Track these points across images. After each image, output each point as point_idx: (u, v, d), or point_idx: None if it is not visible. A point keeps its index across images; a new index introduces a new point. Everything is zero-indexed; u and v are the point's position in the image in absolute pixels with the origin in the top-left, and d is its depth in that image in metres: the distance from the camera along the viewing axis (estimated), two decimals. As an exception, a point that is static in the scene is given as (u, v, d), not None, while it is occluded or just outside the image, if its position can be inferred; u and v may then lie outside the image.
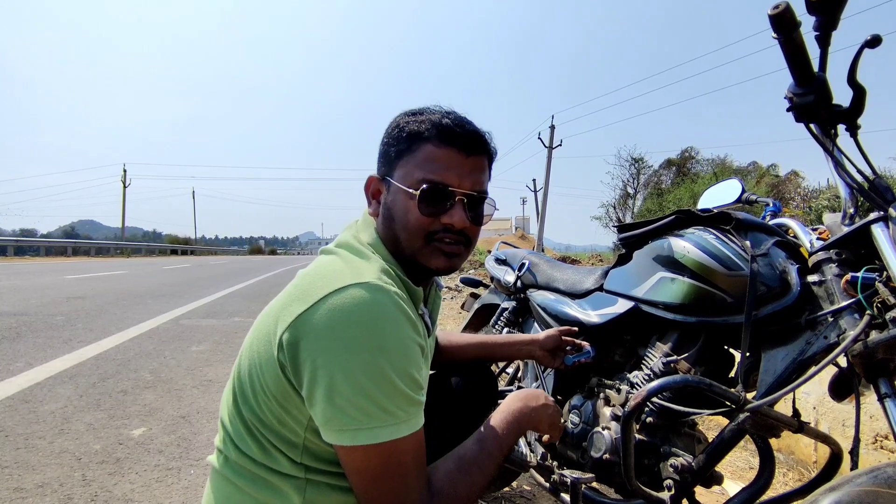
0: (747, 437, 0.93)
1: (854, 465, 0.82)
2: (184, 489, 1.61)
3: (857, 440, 0.82)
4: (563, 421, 1.18)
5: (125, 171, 34.51)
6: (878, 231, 0.80)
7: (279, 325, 0.67)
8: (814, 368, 0.81)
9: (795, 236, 1.03)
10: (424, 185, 0.73)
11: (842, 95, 0.86)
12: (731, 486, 1.62)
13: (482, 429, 0.80)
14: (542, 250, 19.23)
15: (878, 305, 0.77)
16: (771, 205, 1.24)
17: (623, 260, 1.21)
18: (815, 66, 0.85)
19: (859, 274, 0.80)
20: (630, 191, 30.78)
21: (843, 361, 0.85)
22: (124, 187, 34.14)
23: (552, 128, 23.56)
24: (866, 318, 0.77)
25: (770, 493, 0.96)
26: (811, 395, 1.80)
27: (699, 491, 0.99)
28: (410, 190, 0.74)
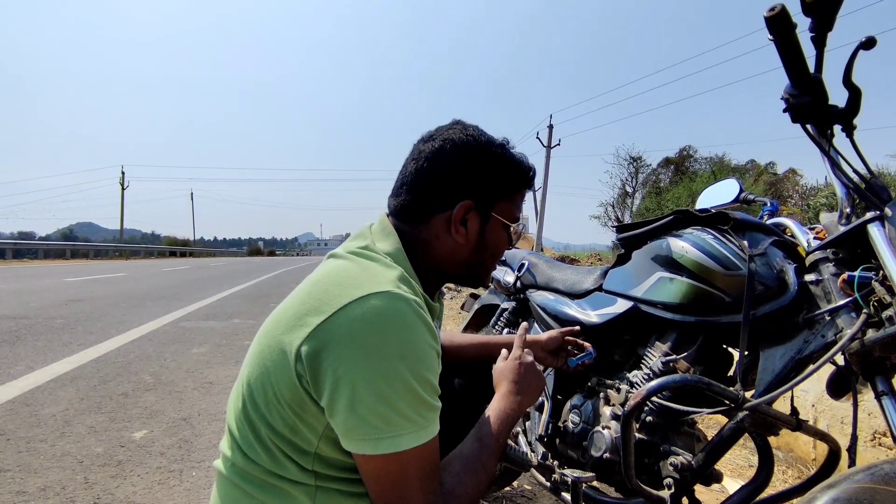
0: (747, 435, 0.94)
1: (852, 463, 0.82)
2: (186, 491, 1.61)
3: (854, 437, 0.83)
4: (562, 421, 1.19)
5: (123, 173, 34.50)
6: (875, 230, 0.80)
7: (295, 335, 0.66)
8: (811, 367, 0.82)
9: (793, 235, 1.03)
10: (520, 225, 0.87)
11: (838, 96, 0.87)
12: (731, 484, 1.63)
13: (480, 427, 0.81)
14: (542, 250, 19.24)
15: (875, 304, 0.78)
16: (768, 204, 1.24)
17: (622, 260, 1.22)
18: (811, 67, 0.86)
19: (856, 273, 0.80)
20: (629, 190, 30.82)
21: (840, 360, 0.86)
22: (122, 189, 34.11)
23: (550, 127, 23.58)
24: (863, 316, 0.77)
25: (769, 491, 0.96)
26: (809, 394, 1.81)
27: (699, 489, 1.00)
28: (512, 225, 0.85)
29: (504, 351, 0.99)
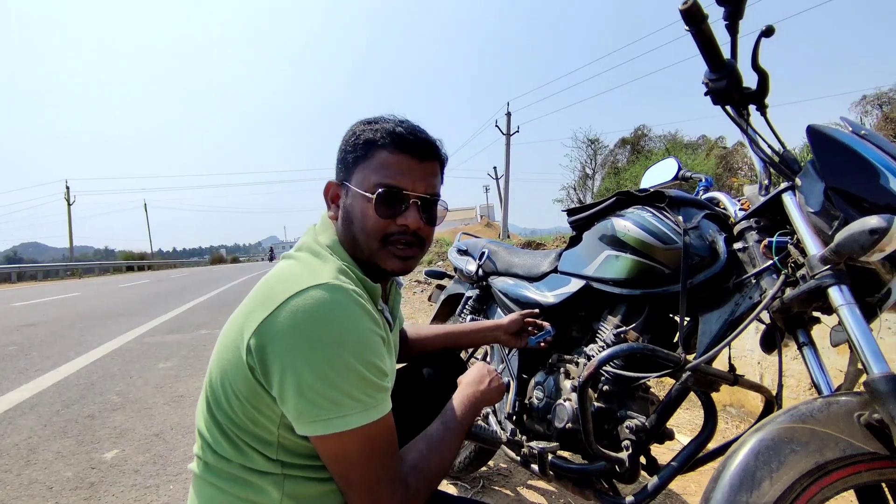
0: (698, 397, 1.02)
1: (779, 408, 0.92)
2: (164, 505, 1.60)
3: (780, 386, 0.92)
4: (528, 398, 1.25)
5: (68, 187, 32.64)
6: (788, 199, 0.89)
7: (245, 331, 0.70)
8: (741, 326, 0.90)
9: (725, 208, 1.12)
10: (380, 189, 0.78)
11: (752, 80, 0.95)
12: (685, 440, 1.75)
13: (445, 412, 0.87)
14: (508, 236, 19.49)
15: (792, 265, 0.87)
16: (703, 180, 1.33)
17: (574, 242, 1.29)
18: (727, 53, 0.93)
19: (773, 238, 0.89)
20: (588, 172, 31.44)
21: (767, 318, 0.95)
22: (69, 205, 32.30)
23: (508, 115, 23.77)
24: (782, 277, 0.86)
25: (717, 442, 1.05)
26: (755, 352, 1.95)
27: (654, 448, 1.08)
28: (367, 194, 0.78)
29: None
